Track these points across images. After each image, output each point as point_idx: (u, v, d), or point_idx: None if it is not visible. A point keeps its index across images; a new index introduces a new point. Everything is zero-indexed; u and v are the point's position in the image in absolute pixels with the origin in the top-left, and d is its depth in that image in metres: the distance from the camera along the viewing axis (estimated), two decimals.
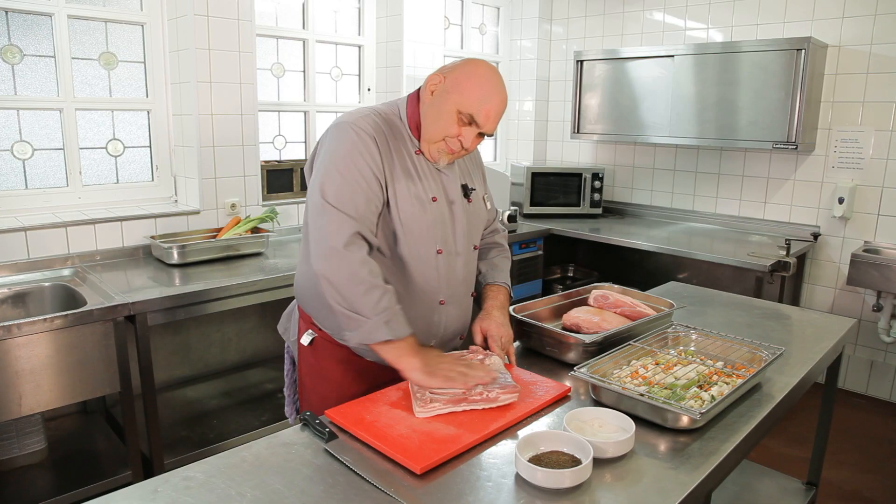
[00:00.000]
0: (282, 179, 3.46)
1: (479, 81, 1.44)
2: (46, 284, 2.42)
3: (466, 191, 1.60)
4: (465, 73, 1.46)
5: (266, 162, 3.40)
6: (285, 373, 1.78)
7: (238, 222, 2.99)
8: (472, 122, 1.44)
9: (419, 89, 1.55)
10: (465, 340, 1.68)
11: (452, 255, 1.56)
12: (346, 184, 1.39)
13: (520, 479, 1.11)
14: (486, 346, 1.59)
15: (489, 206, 1.75)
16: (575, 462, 1.12)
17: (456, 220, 1.56)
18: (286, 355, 1.77)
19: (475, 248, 1.66)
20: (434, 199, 1.51)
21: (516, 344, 1.75)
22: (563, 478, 1.07)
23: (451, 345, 1.67)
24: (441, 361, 1.38)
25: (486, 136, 1.51)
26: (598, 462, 1.16)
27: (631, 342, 1.61)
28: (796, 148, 3.29)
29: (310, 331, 1.62)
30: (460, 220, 1.57)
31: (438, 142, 1.48)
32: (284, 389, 1.79)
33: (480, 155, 1.80)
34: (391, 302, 1.37)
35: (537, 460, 1.12)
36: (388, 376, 1.59)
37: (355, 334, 1.36)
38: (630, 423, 1.24)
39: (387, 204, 1.46)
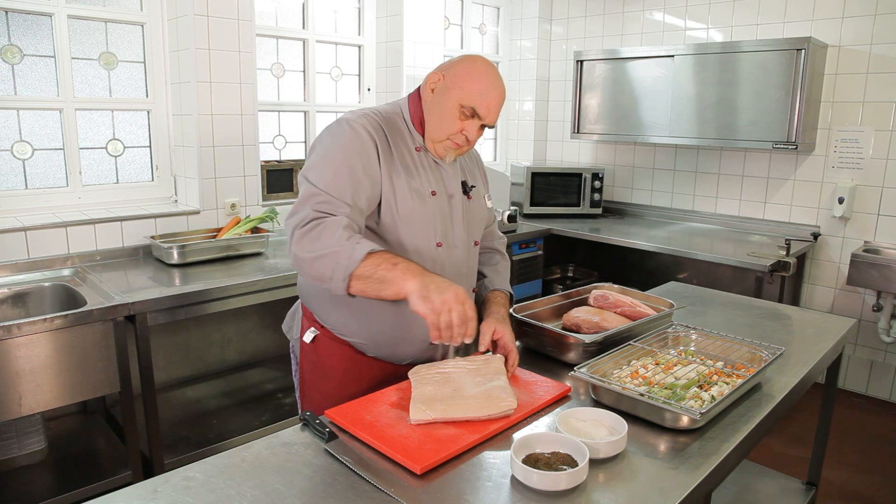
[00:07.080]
0: (282, 179, 3.46)
1: (478, 75, 1.49)
2: (46, 284, 2.42)
3: (466, 187, 1.63)
4: (464, 68, 1.50)
5: (266, 162, 3.40)
6: (293, 373, 1.77)
7: (238, 222, 2.99)
8: (474, 114, 1.49)
9: (419, 88, 1.58)
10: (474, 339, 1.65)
11: (452, 247, 1.58)
12: (334, 173, 1.42)
13: (519, 480, 1.11)
14: (493, 348, 1.56)
15: (490, 206, 1.77)
16: (571, 464, 1.12)
17: (454, 214, 1.58)
18: (291, 355, 1.77)
19: (475, 244, 1.68)
20: (434, 193, 1.54)
21: (518, 344, 1.75)
22: (559, 480, 1.07)
23: None
24: (441, 291, 1.29)
25: (486, 128, 1.56)
26: (596, 463, 1.16)
27: (631, 342, 1.60)
28: (796, 148, 3.29)
29: (312, 328, 1.62)
30: (459, 214, 1.59)
31: (444, 140, 1.52)
32: (296, 392, 1.78)
33: (480, 156, 1.83)
34: (352, 230, 1.37)
35: (534, 462, 1.12)
36: (389, 373, 1.60)
37: (340, 270, 1.31)
38: (622, 424, 1.23)
39: (385, 198, 1.48)
